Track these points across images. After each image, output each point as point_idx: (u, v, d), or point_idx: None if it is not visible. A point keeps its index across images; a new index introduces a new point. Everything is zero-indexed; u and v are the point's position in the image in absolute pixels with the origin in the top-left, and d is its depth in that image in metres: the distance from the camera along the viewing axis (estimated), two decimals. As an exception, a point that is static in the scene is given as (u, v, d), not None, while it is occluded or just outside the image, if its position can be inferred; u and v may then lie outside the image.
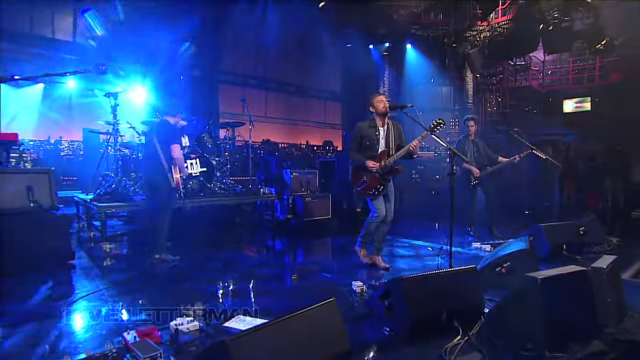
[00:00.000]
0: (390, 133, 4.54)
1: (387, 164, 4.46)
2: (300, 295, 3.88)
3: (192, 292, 3.86)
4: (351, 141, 4.63)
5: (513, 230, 7.03)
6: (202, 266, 4.78)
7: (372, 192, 4.57)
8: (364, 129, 4.54)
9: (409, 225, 8.12)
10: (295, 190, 7.64)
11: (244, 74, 13.91)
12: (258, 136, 14.72)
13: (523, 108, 13.76)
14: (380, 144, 4.52)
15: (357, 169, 4.60)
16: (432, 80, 14.26)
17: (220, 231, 7.34)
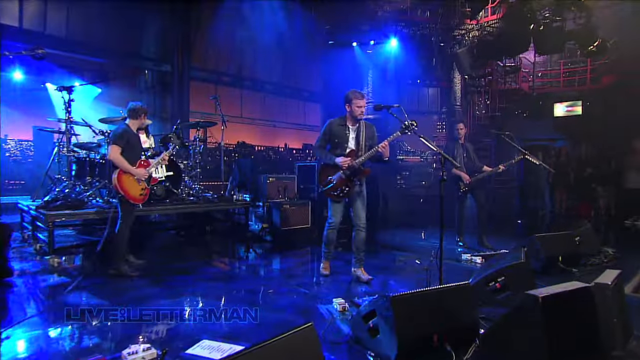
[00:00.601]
0: (361, 133, 4.56)
1: (354, 165, 4.45)
2: (275, 315, 3.68)
3: (151, 312, 3.62)
4: (320, 138, 4.64)
5: (504, 240, 7.03)
6: (165, 281, 4.55)
7: (337, 193, 4.55)
8: (334, 126, 4.57)
9: (394, 235, 8.09)
10: (272, 197, 7.50)
11: (217, 70, 13.66)
12: (233, 138, 14.47)
13: (513, 111, 13.87)
14: (350, 144, 4.54)
15: (324, 168, 4.62)
16: (419, 81, 14.30)
17: (188, 241, 7.16)
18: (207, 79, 13.31)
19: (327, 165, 4.58)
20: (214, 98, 7.53)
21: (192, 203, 6.64)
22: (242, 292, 4.32)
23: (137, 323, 3.36)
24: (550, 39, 10.09)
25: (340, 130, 4.55)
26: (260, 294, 4.28)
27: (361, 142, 4.53)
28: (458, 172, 6.44)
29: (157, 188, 6.05)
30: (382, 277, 4.89)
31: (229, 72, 13.89)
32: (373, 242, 6.96)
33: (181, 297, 4.06)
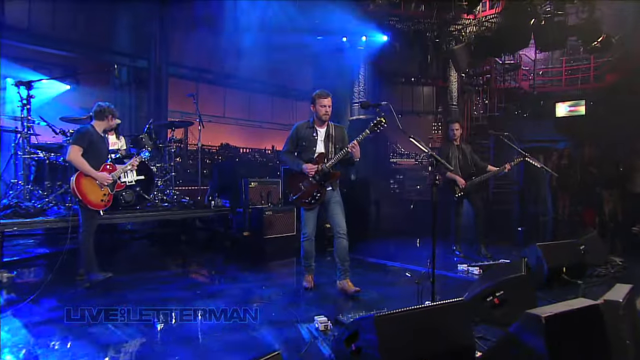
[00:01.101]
0: (330, 135, 4.55)
1: (324, 169, 4.43)
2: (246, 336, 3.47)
3: (114, 334, 3.40)
4: (286, 143, 4.65)
5: (503, 249, 6.96)
6: (130, 298, 4.31)
7: (308, 200, 4.52)
8: (301, 129, 4.57)
9: (386, 244, 7.99)
10: (254, 203, 7.38)
11: (198, 67, 13.45)
12: (215, 140, 14.34)
13: (512, 111, 13.82)
14: (318, 147, 4.53)
15: (292, 175, 4.60)
16: (413, 79, 14.17)
17: (161, 251, 6.99)
18: (187, 75, 13.11)
19: (294, 173, 4.57)
20: (192, 95, 7.34)
21: (166, 209, 6.46)
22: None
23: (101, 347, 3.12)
24: (552, 35, 9.97)
25: (307, 134, 4.53)
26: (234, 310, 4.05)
27: (330, 144, 4.53)
28: (452, 176, 6.35)
29: (125, 193, 5.86)
30: (372, 290, 4.72)
31: (211, 69, 13.69)
32: (363, 251, 6.88)
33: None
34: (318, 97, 4.49)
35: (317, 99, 4.49)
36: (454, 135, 6.56)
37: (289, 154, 4.60)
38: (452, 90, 13.59)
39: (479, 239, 6.52)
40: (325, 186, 4.49)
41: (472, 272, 5.54)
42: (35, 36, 9.11)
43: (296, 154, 4.61)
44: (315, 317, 3.68)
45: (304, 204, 4.53)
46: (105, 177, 4.67)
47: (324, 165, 4.41)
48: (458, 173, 6.40)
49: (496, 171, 6.33)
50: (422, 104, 15.27)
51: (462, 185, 6.31)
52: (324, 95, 4.50)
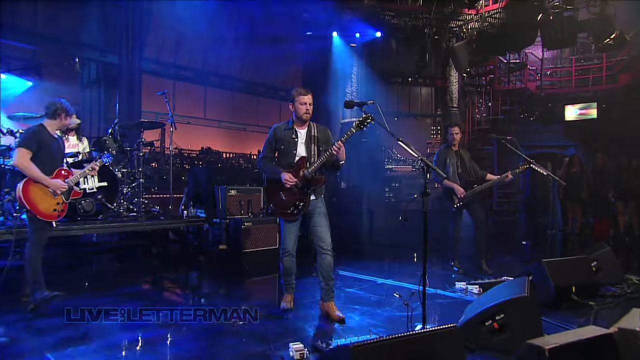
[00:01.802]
0: (312, 137, 4.43)
1: (306, 174, 4.28)
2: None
3: None
4: (264, 147, 4.50)
5: (506, 264, 6.90)
6: (83, 322, 4.07)
7: (291, 210, 4.36)
8: (279, 131, 4.45)
9: (379, 258, 7.89)
10: (232, 213, 7.27)
11: (175, 63, 13.34)
12: (196, 143, 14.28)
13: (518, 114, 13.77)
14: (299, 150, 4.40)
15: (271, 183, 4.46)
16: (410, 79, 14.11)
17: (127, 267, 6.81)
18: (163, 72, 13.09)
19: (273, 181, 4.41)
20: (163, 93, 7.17)
21: (132, 220, 6.27)
22: (178, 336, 3.88)
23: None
24: (560, 31, 9.98)
25: (286, 136, 4.40)
26: (202, 337, 3.84)
27: (313, 147, 4.40)
28: (450, 184, 6.25)
29: (85, 202, 5.64)
30: (357, 311, 4.57)
31: (190, 66, 13.59)
32: (352, 265, 6.74)
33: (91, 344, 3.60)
34: (297, 95, 4.37)
35: (297, 96, 4.37)
36: (454, 140, 6.44)
37: (266, 160, 4.45)
38: (452, 91, 13.61)
39: (479, 254, 6.40)
40: (310, 193, 4.35)
41: (471, 291, 5.37)
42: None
43: (276, 159, 4.47)
44: (290, 343, 3.48)
45: (286, 215, 4.38)
46: (58, 184, 4.46)
47: (306, 171, 4.26)
48: (456, 181, 6.30)
49: (496, 180, 6.25)
50: (420, 105, 15.22)
51: (460, 195, 6.19)
52: (304, 92, 4.38)
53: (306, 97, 4.36)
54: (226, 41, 12.83)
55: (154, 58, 12.59)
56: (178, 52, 13.11)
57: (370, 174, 12.03)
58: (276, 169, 4.34)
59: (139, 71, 11.01)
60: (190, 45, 13.06)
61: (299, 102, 4.35)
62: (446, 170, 6.31)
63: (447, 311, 4.67)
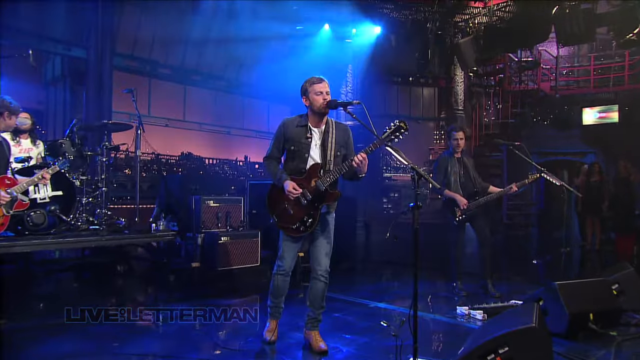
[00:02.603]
0: (330, 137, 4.12)
1: (320, 186, 3.99)
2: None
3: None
4: (271, 145, 4.21)
5: (516, 286, 6.86)
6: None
7: (296, 226, 4.08)
8: (290, 127, 4.14)
9: (374, 277, 7.90)
10: (208, 226, 7.21)
11: (151, 59, 13.21)
12: (175, 148, 14.17)
13: (530, 118, 13.70)
14: (313, 153, 4.11)
15: (275, 190, 4.17)
16: (411, 79, 14.04)
17: (87, 289, 6.64)
18: (138, 69, 12.99)
19: (278, 187, 4.12)
20: (129, 92, 7.04)
21: (91, 235, 6.05)
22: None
23: None
24: (577, 26, 9.89)
25: (298, 135, 4.10)
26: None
27: (329, 150, 4.10)
28: (452, 195, 6.16)
29: (34, 214, 5.44)
30: (342, 340, 4.44)
31: (168, 63, 13.48)
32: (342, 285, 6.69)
33: None
34: (310, 84, 4.08)
35: (310, 85, 4.07)
36: (457, 146, 6.38)
37: (271, 160, 4.19)
38: (457, 92, 13.57)
39: (484, 274, 6.32)
40: (320, 208, 4.07)
41: (474, 317, 5.23)
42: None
43: (283, 162, 4.23)
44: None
45: (289, 230, 4.12)
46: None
47: (319, 181, 4.00)
48: (459, 191, 6.24)
49: (500, 193, 6.20)
50: (422, 108, 15.16)
51: (463, 206, 6.09)
52: (318, 80, 4.07)
53: (321, 85, 4.06)
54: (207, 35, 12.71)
55: (127, 53, 12.44)
56: (154, 47, 12.97)
57: (366, 183, 11.92)
58: (281, 174, 4.08)
59: (109, 67, 10.85)
60: (168, 40, 12.94)
61: (314, 92, 4.05)
62: (447, 179, 6.27)
63: (446, 340, 4.53)
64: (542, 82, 14.46)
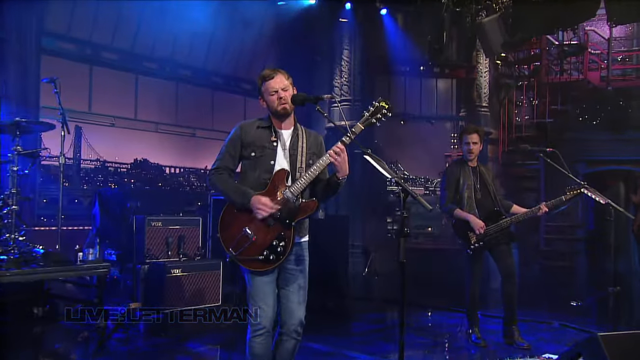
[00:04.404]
0: (301, 142, 4.17)
1: (289, 196, 3.91)
2: None
3: None
4: (222, 152, 4.16)
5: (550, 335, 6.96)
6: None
7: (265, 256, 3.92)
8: (249, 130, 4.16)
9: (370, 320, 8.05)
10: (154, 255, 7.29)
11: (92, 41, 13.14)
12: (126, 153, 14.15)
13: (574, 117, 13.55)
14: (278, 159, 4.09)
15: (229, 212, 4.07)
16: (422, 68, 13.95)
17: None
18: (76, 54, 12.91)
19: (234, 206, 4.02)
20: (50, 81, 7.00)
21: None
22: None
23: None
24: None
25: (261, 137, 4.11)
26: None
27: (299, 156, 4.12)
28: (464, 215, 6.19)
29: None
30: None
31: (114, 46, 13.45)
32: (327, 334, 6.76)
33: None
34: (262, 80, 4.10)
35: (262, 83, 4.10)
36: (470, 153, 6.45)
37: (223, 173, 4.09)
38: (480, 85, 13.55)
39: (509, 318, 6.37)
40: (293, 227, 3.97)
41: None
42: None
43: (241, 174, 4.16)
44: None
45: (256, 264, 3.95)
46: None
47: (288, 190, 3.91)
48: (474, 211, 6.25)
49: (526, 215, 6.27)
50: (436, 104, 15.07)
51: (479, 231, 6.08)
52: (269, 75, 4.06)
53: (274, 81, 4.04)
54: (165, 12, 12.65)
55: (61, 33, 12.37)
56: (96, 26, 12.91)
57: (364, 199, 11.86)
58: (241, 188, 3.99)
59: (36, 50, 10.70)
60: (113, 17, 12.87)
61: (267, 90, 4.07)
62: (460, 195, 6.32)
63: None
64: (590, 71, 14.28)
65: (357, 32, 13.49)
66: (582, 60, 14.11)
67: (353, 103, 12.84)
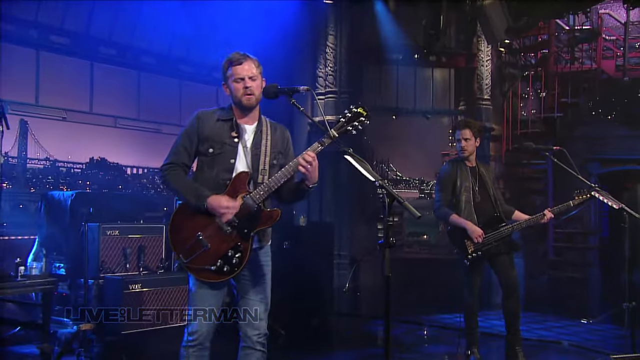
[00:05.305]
0: (264, 140, 4.22)
1: (250, 203, 3.94)
2: None
3: None
4: (176, 145, 4.18)
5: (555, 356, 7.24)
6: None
7: (217, 267, 3.93)
8: (207, 122, 4.19)
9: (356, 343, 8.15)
10: (110, 268, 7.28)
11: (40, 22, 13.13)
12: (81, 151, 14.07)
13: (587, 110, 13.61)
14: (239, 158, 4.14)
15: (182, 213, 4.09)
16: (417, 56, 13.93)
17: None
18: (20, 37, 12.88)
19: (188, 208, 4.01)
20: None
21: None
22: None
23: None
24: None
25: (221, 131, 4.14)
26: None
27: (264, 156, 4.17)
28: (461, 222, 6.17)
29: None
30: None
31: (66, 29, 13.30)
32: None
33: None
34: (228, 65, 4.11)
35: (228, 67, 4.11)
36: (463, 150, 6.45)
37: (177, 170, 4.09)
38: (482, 75, 13.52)
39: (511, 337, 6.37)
40: (252, 238, 3.99)
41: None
42: None
43: (197, 172, 4.17)
44: None
45: (208, 275, 3.95)
46: None
47: (249, 197, 3.92)
48: (472, 216, 6.22)
49: (528, 222, 6.33)
50: (433, 97, 15.04)
51: (477, 239, 6.06)
52: (238, 59, 4.05)
53: (242, 68, 4.04)
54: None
55: (15, 15, 12.29)
56: (43, 5, 12.84)
57: (351, 203, 11.86)
58: (195, 188, 3.98)
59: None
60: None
61: (232, 76, 4.08)
62: (456, 198, 6.31)
63: None
64: (604, 59, 14.38)
65: (344, 15, 13.48)
66: (596, 48, 14.19)
67: (339, 95, 12.76)
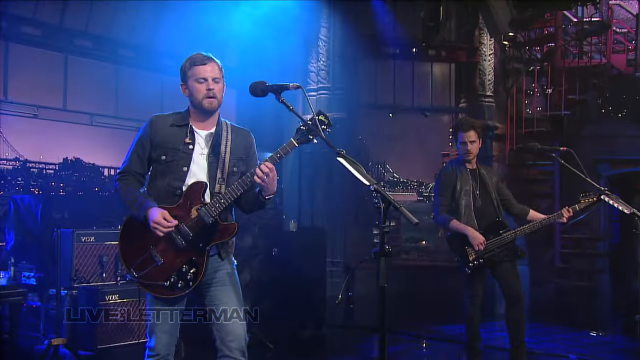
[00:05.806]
0: (223, 146, 4.27)
1: (204, 216, 3.98)
2: None
3: None
4: (130, 152, 4.26)
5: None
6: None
7: (171, 282, 3.98)
8: (161, 127, 4.22)
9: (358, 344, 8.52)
10: (84, 278, 7.28)
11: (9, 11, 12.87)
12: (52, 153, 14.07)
13: (596, 108, 13.65)
14: (195, 167, 4.19)
15: (133, 226, 4.09)
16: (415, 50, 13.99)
17: None
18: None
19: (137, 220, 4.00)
20: None
21: None
22: None
23: None
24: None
25: (174, 137, 4.17)
26: None
27: (222, 164, 4.22)
28: (461, 228, 6.17)
29: None
30: None
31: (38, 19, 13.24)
32: None
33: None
34: (190, 65, 4.15)
35: (190, 67, 4.15)
36: (467, 154, 6.42)
37: (128, 179, 4.13)
38: (484, 71, 13.62)
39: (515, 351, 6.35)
40: (208, 252, 4.04)
41: None
42: None
43: (150, 180, 4.20)
44: None
45: (161, 291, 4.00)
46: None
47: (203, 210, 3.94)
48: (472, 222, 6.22)
49: (543, 221, 6.29)
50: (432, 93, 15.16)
51: (478, 246, 6.05)
52: (200, 60, 4.12)
53: (204, 68, 4.10)
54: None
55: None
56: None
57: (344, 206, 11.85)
58: (142, 199, 3.98)
59: None
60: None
61: (193, 76, 4.11)
62: (456, 202, 6.31)
63: None
64: (615, 53, 14.47)
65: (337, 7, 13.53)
66: (605, 41, 14.28)
67: (332, 91, 12.81)
